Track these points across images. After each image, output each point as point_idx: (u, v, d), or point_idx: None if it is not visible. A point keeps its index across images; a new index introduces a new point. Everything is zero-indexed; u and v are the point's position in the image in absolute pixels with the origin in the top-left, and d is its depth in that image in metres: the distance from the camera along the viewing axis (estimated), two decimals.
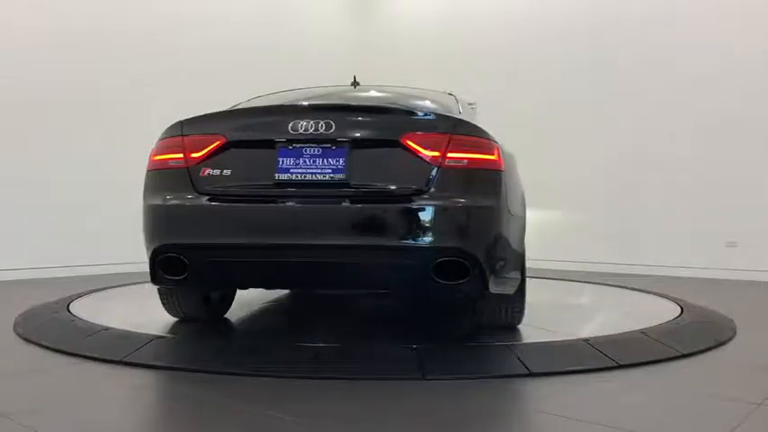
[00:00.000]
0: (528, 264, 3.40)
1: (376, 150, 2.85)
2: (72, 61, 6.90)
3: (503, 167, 2.88)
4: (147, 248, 2.97)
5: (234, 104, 3.58)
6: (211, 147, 2.89)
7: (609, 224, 8.00)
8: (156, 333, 3.39)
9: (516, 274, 3.12)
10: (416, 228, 2.75)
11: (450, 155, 2.76)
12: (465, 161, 2.78)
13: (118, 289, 4.79)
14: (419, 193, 2.74)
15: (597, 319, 4.35)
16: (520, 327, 3.46)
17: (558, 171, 8.19)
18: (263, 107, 3.10)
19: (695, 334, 3.53)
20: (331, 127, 2.80)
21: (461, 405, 2.37)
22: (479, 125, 3.01)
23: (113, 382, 2.68)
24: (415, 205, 2.73)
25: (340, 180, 2.78)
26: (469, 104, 4.11)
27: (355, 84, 4.18)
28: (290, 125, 2.82)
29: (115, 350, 3.02)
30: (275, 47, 8.87)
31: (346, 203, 2.77)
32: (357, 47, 10.20)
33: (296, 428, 2.11)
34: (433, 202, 2.73)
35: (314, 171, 2.78)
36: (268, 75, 7.69)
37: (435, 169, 2.74)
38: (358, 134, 2.84)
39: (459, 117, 3.02)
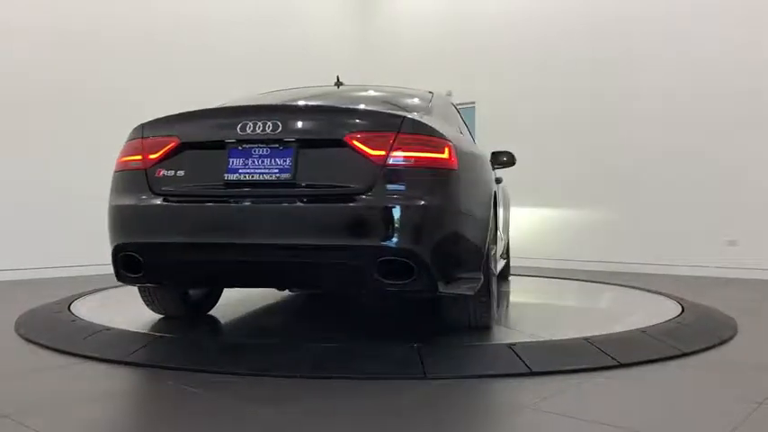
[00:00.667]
0: (530, 261, 3.39)
1: (322, 150, 2.84)
2: (75, 61, 6.91)
3: (455, 166, 2.83)
4: (110, 247, 3.08)
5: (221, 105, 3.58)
6: (166, 148, 2.97)
7: (610, 224, 8.00)
8: (157, 333, 3.39)
9: (475, 275, 3.04)
10: (357, 227, 2.73)
11: (395, 154, 2.74)
12: (411, 160, 2.76)
13: (119, 289, 4.79)
14: (361, 192, 2.73)
15: (598, 317, 4.35)
16: (517, 325, 3.45)
17: (558, 169, 8.19)
18: (215, 109, 3.11)
19: (696, 333, 3.53)
20: (278, 127, 2.83)
21: (463, 404, 2.37)
22: (434, 124, 2.96)
23: (115, 382, 2.68)
24: (356, 205, 2.72)
25: (286, 180, 2.80)
26: (451, 102, 4.19)
27: (338, 84, 4.22)
28: (239, 126, 2.86)
29: (116, 350, 3.03)
30: (276, 47, 8.89)
31: (290, 203, 2.79)
32: (358, 47, 10.22)
33: (299, 428, 2.11)
34: (374, 202, 2.71)
35: (262, 171, 2.82)
36: (270, 75, 7.68)
37: (379, 168, 2.73)
38: (304, 134, 2.85)
39: (408, 115, 2.91)
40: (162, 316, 3.79)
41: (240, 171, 2.84)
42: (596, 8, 8.22)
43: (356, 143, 2.76)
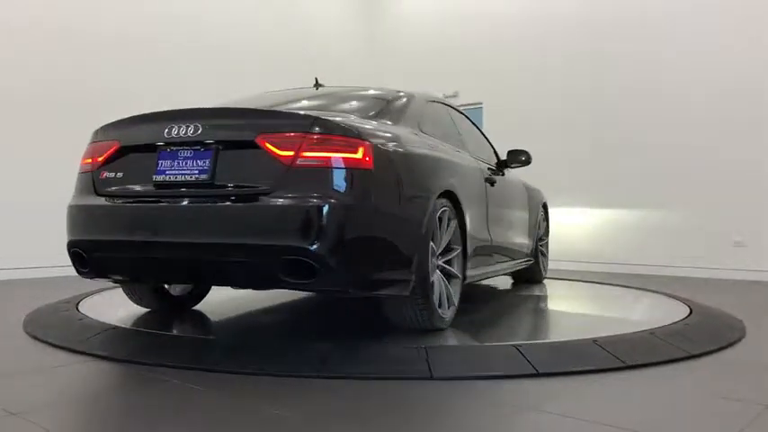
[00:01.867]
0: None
1: (238, 152, 2.90)
2: (77, 61, 6.94)
3: (369, 166, 2.83)
4: None
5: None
6: (109, 152, 3.17)
7: (613, 223, 7.98)
8: (164, 332, 3.41)
9: (402, 275, 3.02)
10: (261, 227, 2.77)
11: (303, 154, 2.78)
12: (319, 160, 2.78)
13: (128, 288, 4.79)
14: (266, 192, 2.78)
15: (605, 319, 4.34)
16: (522, 326, 3.44)
17: (563, 168, 8.17)
18: (149, 113, 3.18)
19: (704, 334, 3.52)
20: (198, 130, 2.92)
21: (469, 404, 2.37)
22: (352, 124, 2.96)
23: (121, 380, 2.69)
24: (258, 204, 2.78)
25: (204, 181, 2.89)
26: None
27: (317, 85, 4.29)
28: (166, 130, 2.98)
29: (123, 348, 3.05)
30: (281, 48, 8.90)
31: (203, 203, 2.89)
32: (366, 48, 10.24)
33: (304, 428, 2.11)
34: (278, 202, 2.75)
35: (184, 172, 2.93)
36: (273, 75, 7.70)
37: (287, 169, 2.77)
38: (221, 136, 2.93)
39: (320, 116, 2.94)
40: (164, 315, 3.81)
41: (167, 172, 2.97)
42: (604, 6, 8.20)
43: (267, 144, 2.81)
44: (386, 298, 3.16)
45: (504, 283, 5.82)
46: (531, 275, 5.78)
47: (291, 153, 2.77)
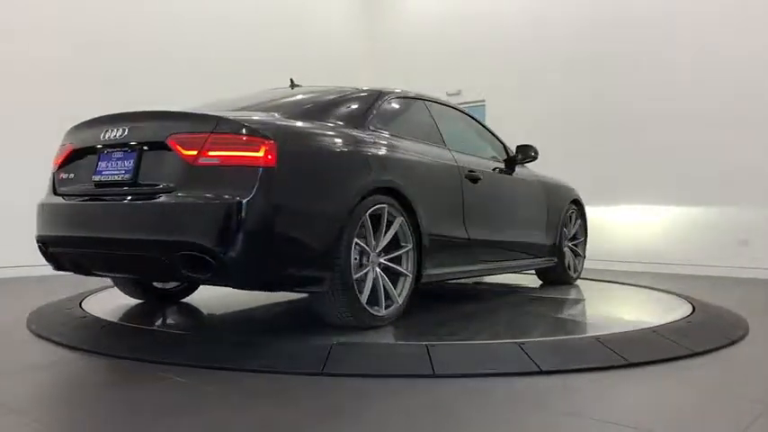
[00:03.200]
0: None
1: (155, 152, 3.05)
2: (81, 60, 6.94)
3: (272, 164, 2.87)
4: None
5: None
6: (64, 154, 3.43)
7: (618, 223, 7.97)
8: (167, 330, 3.41)
9: (316, 272, 3.06)
10: (160, 223, 2.92)
11: (206, 153, 2.88)
12: (220, 159, 2.88)
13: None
14: (170, 190, 2.91)
15: (608, 316, 4.33)
16: (526, 326, 3.43)
17: (565, 166, 8.16)
18: (93, 118, 3.37)
19: (707, 332, 3.51)
20: (125, 133, 3.13)
21: (472, 402, 2.37)
22: (255, 123, 2.99)
23: (124, 377, 2.70)
24: (161, 202, 2.91)
25: (128, 180, 3.07)
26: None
27: (293, 85, 4.33)
28: (103, 133, 3.20)
29: (126, 346, 3.05)
30: (283, 48, 8.89)
31: (122, 201, 3.10)
32: (368, 47, 10.25)
33: (305, 427, 2.11)
34: (176, 199, 2.88)
35: (115, 173, 3.13)
36: (276, 76, 7.68)
37: (190, 167, 2.89)
38: (143, 138, 3.09)
39: (225, 116, 3.01)
40: (167, 312, 3.83)
41: (103, 173, 3.18)
42: (605, 4, 8.19)
43: (176, 144, 2.94)
44: (309, 294, 3.21)
45: (530, 281, 5.72)
46: (556, 276, 5.47)
47: (195, 152, 2.89)
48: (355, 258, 3.21)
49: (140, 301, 4.18)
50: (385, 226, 3.39)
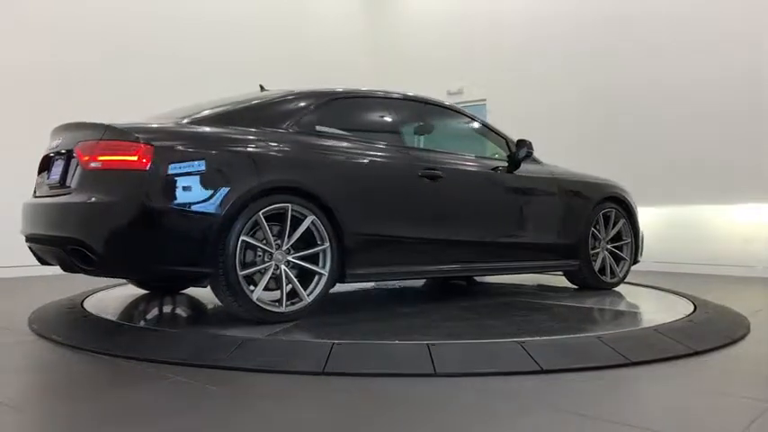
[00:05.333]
0: None
1: (72, 159, 3.39)
2: (83, 60, 6.94)
3: (144, 167, 3.11)
4: None
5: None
6: (41, 160, 3.77)
7: None
8: (167, 329, 3.41)
9: (194, 268, 3.25)
10: (58, 221, 3.35)
11: (96, 158, 3.20)
12: (103, 163, 3.18)
13: (130, 286, 4.81)
14: (69, 192, 3.30)
15: (610, 315, 4.33)
16: (530, 324, 3.42)
17: (572, 167, 8.14)
18: (53, 128, 3.72)
19: (708, 331, 3.50)
20: (60, 142, 3.55)
21: (473, 401, 2.37)
22: (136, 129, 3.23)
23: (125, 376, 2.70)
24: (62, 202, 3.32)
25: (59, 183, 3.44)
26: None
27: (262, 90, 4.36)
28: (53, 142, 3.65)
29: (126, 345, 3.05)
30: (284, 48, 8.89)
31: (48, 202, 3.50)
32: (369, 46, 10.23)
33: (307, 425, 2.12)
34: (69, 199, 3.26)
35: (55, 177, 3.50)
36: (272, 76, 7.66)
37: (83, 171, 3.24)
38: (66, 147, 3.47)
39: (112, 124, 3.27)
40: (168, 310, 3.83)
41: (51, 177, 3.57)
42: (607, 3, 8.18)
43: (78, 151, 3.29)
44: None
45: (553, 281, 5.69)
46: (581, 280, 5.02)
47: (87, 158, 3.23)
48: (247, 256, 3.38)
49: (142, 299, 4.18)
50: (291, 225, 3.43)
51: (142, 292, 4.49)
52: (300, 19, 9.36)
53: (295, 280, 3.47)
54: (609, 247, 5.08)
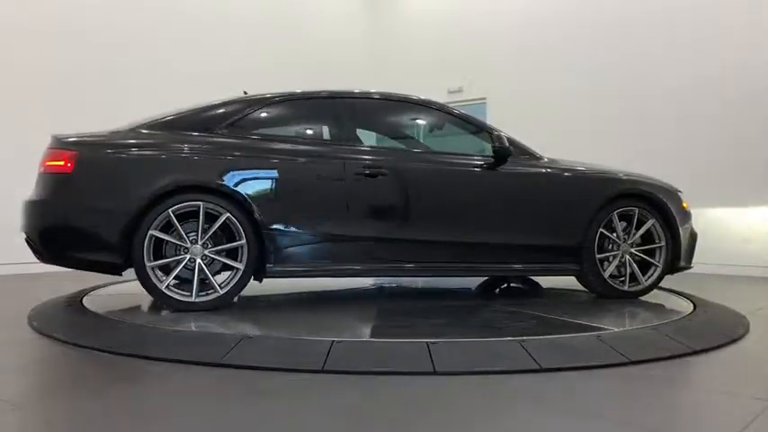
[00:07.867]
0: None
1: None
2: (85, 61, 6.94)
3: (69, 170, 3.63)
4: None
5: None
6: None
7: None
8: (168, 327, 3.41)
9: (108, 258, 3.66)
10: (23, 217, 3.78)
11: (44, 163, 3.73)
12: (45, 167, 3.72)
13: (131, 283, 4.80)
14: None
15: (609, 314, 4.33)
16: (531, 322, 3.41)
17: None
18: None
19: (708, 331, 3.51)
20: None
21: (472, 400, 2.38)
22: (65, 138, 3.75)
23: (127, 374, 2.70)
24: (26, 202, 3.79)
25: None
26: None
27: (245, 94, 4.41)
28: None
29: (125, 342, 3.05)
30: (285, 48, 8.88)
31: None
32: (370, 46, 10.23)
33: (308, 423, 2.12)
34: (28, 198, 3.76)
35: None
36: (273, 76, 7.69)
37: (39, 174, 3.76)
38: None
39: (55, 134, 3.78)
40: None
41: None
42: (607, 3, 8.18)
43: (43, 158, 3.77)
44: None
45: (564, 283, 5.68)
46: (590, 286, 4.56)
47: (41, 164, 3.75)
48: (169, 250, 3.80)
49: (142, 296, 4.17)
50: (208, 222, 3.72)
51: (142, 289, 4.48)
52: (300, 19, 9.35)
53: (208, 272, 3.74)
54: (632, 250, 4.51)
